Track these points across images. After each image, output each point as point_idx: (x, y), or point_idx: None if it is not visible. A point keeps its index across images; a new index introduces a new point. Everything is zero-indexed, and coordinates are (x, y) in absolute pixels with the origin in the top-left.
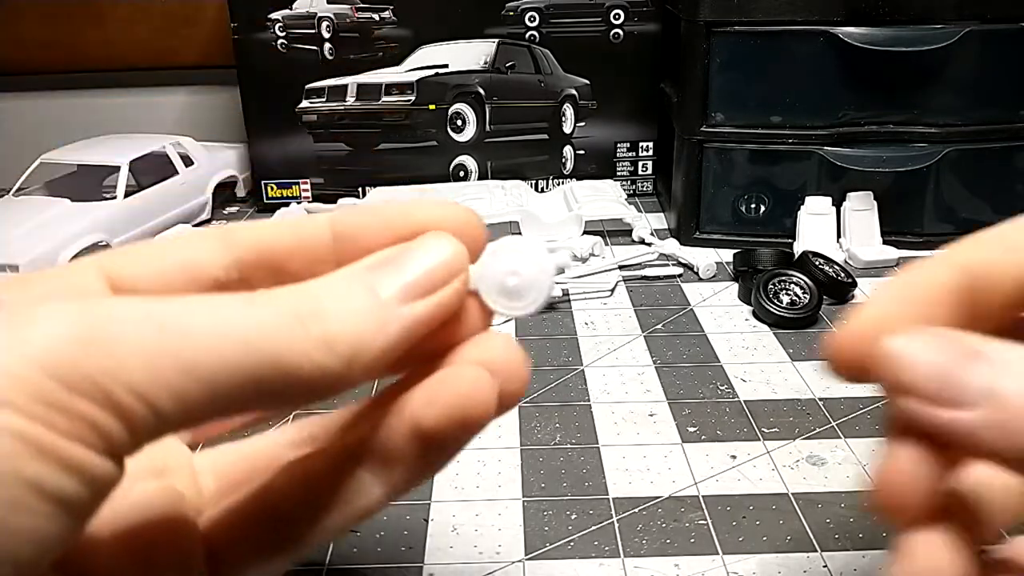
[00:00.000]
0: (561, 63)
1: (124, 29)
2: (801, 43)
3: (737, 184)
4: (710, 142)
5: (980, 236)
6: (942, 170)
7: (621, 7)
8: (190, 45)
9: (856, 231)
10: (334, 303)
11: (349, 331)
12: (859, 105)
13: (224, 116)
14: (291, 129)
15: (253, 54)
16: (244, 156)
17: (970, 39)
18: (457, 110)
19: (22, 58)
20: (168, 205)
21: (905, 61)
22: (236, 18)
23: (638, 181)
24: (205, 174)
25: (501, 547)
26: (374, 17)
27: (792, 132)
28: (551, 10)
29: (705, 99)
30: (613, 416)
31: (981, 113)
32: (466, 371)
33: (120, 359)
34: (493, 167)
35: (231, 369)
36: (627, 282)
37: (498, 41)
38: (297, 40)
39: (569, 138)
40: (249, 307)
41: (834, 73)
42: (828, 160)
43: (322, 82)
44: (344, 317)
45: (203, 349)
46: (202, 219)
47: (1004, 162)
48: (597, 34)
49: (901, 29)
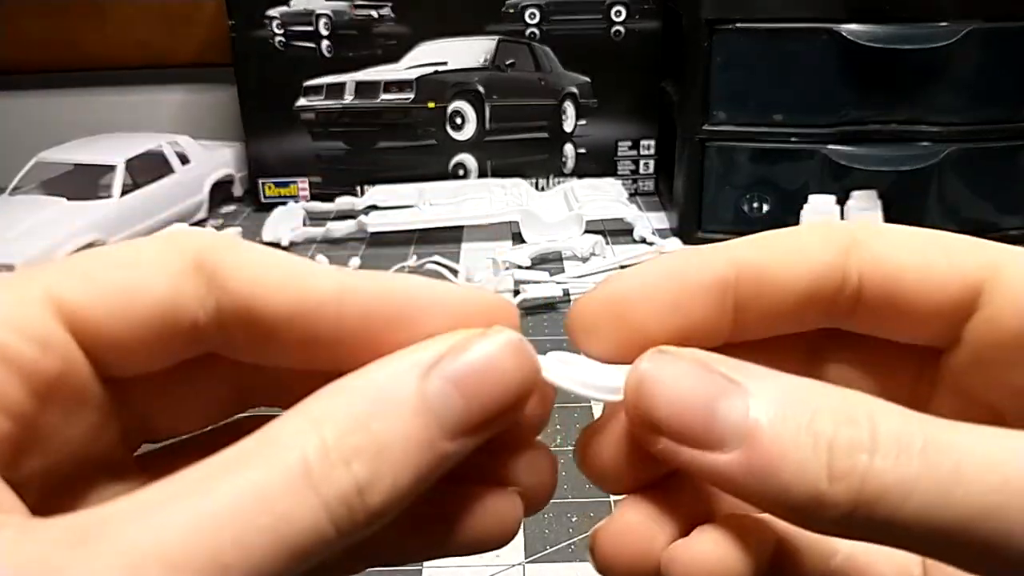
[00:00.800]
0: (562, 61)
1: (122, 28)
2: (804, 41)
3: (739, 183)
4: (712, 140)
5: (760, 236)
6: (945, 169)
7: (622, 4)
8: (187, 43)
9: None
10: (394, 454)
11: (400, 490)
12: (862, 103)
13: (221, 114)
14: (289, 127)
15: (251, 52)
16: (241, 154)
17: (973, 37)
18: (456, 108)
19: (20, 57)
20: (165, 204)
21: (908, 59)
22: (234, 16)
23: (639, 180)
24: (202, 173)
25: (501, 550)
26: (373, 14)
27: (795, 130)
28: (551, 7)
29: (707, 97)
30: None
31: (984, 112)
32: (492, 496)
33: None
34: (493, 166)
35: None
36: None
37: (498, 38)
38: (295, 37)
39: (570, 136)
40: (305, 483)
41: (837, 71)
42: (831, 159)
43: (320, 80)
44: (403, 475)
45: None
46: (199, 218)
47: (1007, 161)
48: (598, 31)
49: (904, 27)
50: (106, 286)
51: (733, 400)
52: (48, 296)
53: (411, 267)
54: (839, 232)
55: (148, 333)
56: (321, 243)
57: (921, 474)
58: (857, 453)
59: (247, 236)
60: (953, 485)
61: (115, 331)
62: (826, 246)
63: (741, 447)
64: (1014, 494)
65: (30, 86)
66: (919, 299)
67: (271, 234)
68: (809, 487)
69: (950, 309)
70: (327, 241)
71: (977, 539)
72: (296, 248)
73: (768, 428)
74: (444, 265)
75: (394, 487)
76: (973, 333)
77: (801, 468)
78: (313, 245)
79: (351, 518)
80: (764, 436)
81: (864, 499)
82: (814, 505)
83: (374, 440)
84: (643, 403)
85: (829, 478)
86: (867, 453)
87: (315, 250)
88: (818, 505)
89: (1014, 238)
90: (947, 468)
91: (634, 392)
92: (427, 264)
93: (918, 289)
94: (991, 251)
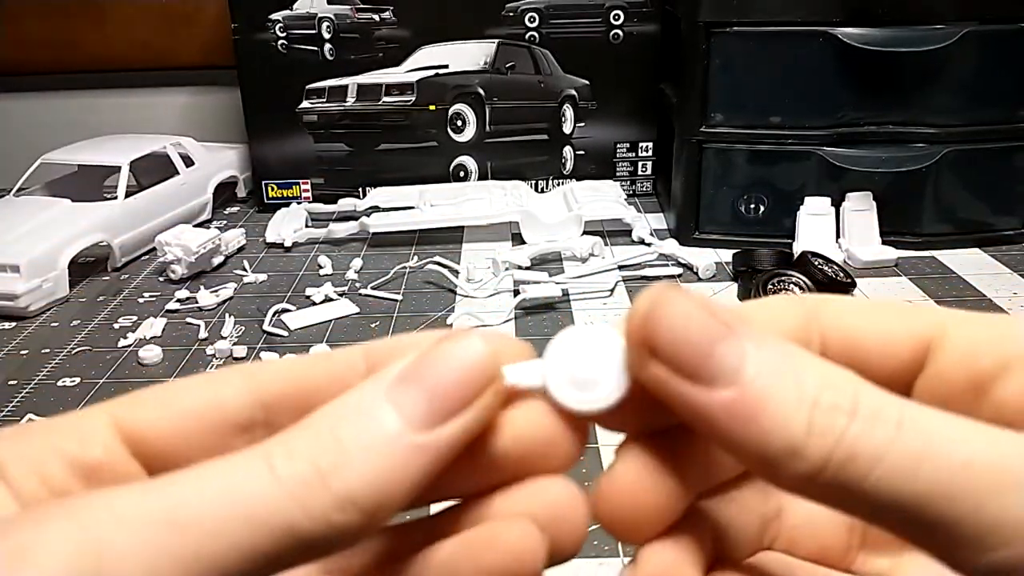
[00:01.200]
0: (561, 64)
1: (124, 29)
2: (800, 43)
3: (736, 184)
4: (709, 142)
5: (740, 306)
6: (941, 170)
7: (621, 8)
8: (191, 46)
9: (855, 231)
10: (356, 445)
11: (372, 482)
12: (858, 105)
13: (225, 116)
14: (291, 129)
15: (254, 54)
16: (245, 156)
17: (969, 39)
18: (457, 110)
19: (22, 58)
20: (169, 205)
21: (904, 61)
22: (237, 18)
23: (638, 181)
24: (206, 174)
25: None
26: (374, 18)
27: (791, 132)
28: (551, 11)
29: (705, 99)
30: None
31: (980, 113)
32: (514, 529)
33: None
34: (493, 167)
35: (243, 553)
36: (627, 282)
37: (498, 42)
38: (298, 40)
39: (569, 138)
40: (267, 471)
41: (833, 73)
42: (827, 160)
43: (322, 82)
44: (367, 464)
45: (212, 540)
46: (203, 219)
47: (1003, 162)
48: (597, 34)
49: (900, 29)
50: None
51: (731, 345)
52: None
53: (412, 267)
54: (804, 301)
55: (190, 433)
56: (323, 244)
57: (893, 446)
58: (837, 415)
59: (251, 236)
60: (920, 460)
61: (160, 433)
62: (795, 312)
63: (730, 388)
64: (974, 477)
65: (35, 88)
66: (876, 358)
67: (274, 235)
68: (787, 437)
69: (904, 366)
70: (329, 242)
71: (931, 517)
72: (299, 248)
73: (757, 376)
74: (444, 265)
75: (361, 476)
76: (922, 387)
77: (783, 418)
78: (315, 246)
79: (315, 500)
80: (753, 382)
81: (836, 458)
82: (788, 456)
83: (338, 440)
84: (650, 323)
85: (807, 432)
86: (846, 416)
87: (317, 251)
88: (791, 456)
89: (1009, 238)
90: (917, 444)
91: (644, 310)
92: (428, 264)
93: (875, 348)
94: (940, 314)
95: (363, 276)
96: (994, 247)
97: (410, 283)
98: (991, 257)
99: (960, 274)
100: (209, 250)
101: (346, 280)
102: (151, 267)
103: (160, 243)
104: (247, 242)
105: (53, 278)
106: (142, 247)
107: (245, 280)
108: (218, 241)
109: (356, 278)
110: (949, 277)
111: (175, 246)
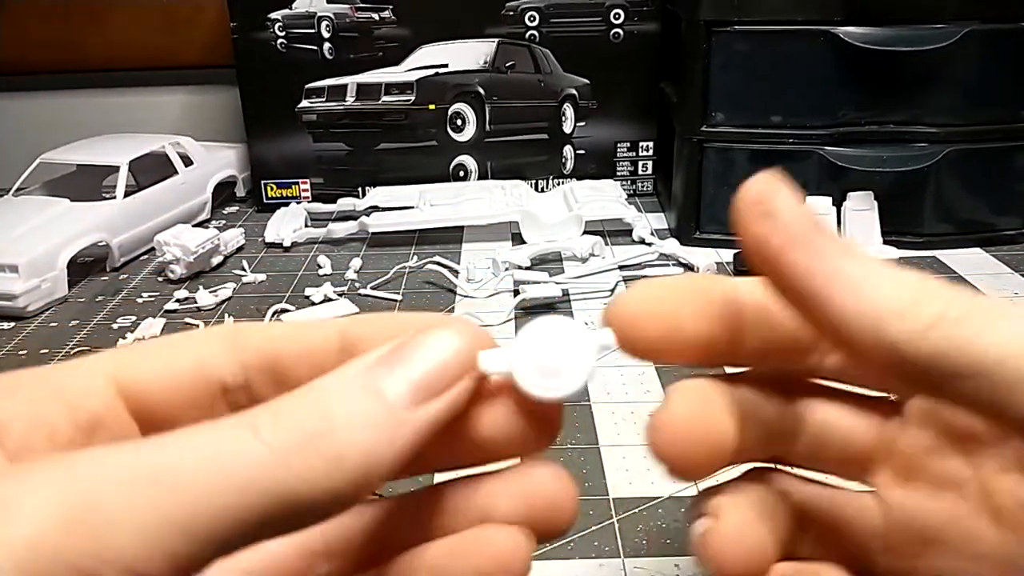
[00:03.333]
0: (561, 63)
1: (124, 29)
2: (801, 43)
3: (737, 184)
4: (710, 142)
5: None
6: (942, 170)
7: (621, 6)
8: (190, 45)
9: (856, 231)
10: (344, 416)
11: (360, 448)
12: (859, 105)
13: (224, 116)
14: (291, 129)
15: (253, 54)
16: (244, 156)
17: (970, 39)
18: (457, 110)
19: (22, 58)
20: (168, 205)
21: (905, 61)
22: (236, 18)
23: (638, 181)
24: (205, 174)
25: None
26: (374, 17)
27: (792, 132)
28: (551, 10)
29: (705, 99)
30: (613, 416)
31: (981, 113)
32: (501, 533)
33: (109, 537)
34: (493, 167)
35: (233, 517)
36: (627, 282)
37: (498, 41)
38: (297, 40)
39: (569, 138)
40: (254, 436)
41: (834, 73)
42: (828, 160)
43: (322, 82)
44: (355, 432)
45: (202, 503)
46: (202, 219)
47: (1005, 162)
48: (597, 34)
49: (901, 29)
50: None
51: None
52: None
53: (412, 267)
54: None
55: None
56: (323, 243)
57: (1007, 309)
58: (942, 288)
59: (250, 236)
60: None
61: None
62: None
63: (840, 254)
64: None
65: (33, 87)
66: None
67: (273, 234)
68: (896, 297)
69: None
70: (328, 241)
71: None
72: (298, 248)
73: (866, 257)
74: (444, 265)
75: (349, 442)
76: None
77: (892, 282)
78: (315, 246)
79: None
80: (865, 254)
81: (951, 316)
82: (897, 318)
83: (326, 410)
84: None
85: (918, 294)
86: (951, 290)
87: (316, 251)
88: (900, 318)
89: (1011, 238)
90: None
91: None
92: (427, 264)
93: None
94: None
95: (362, 276)
96: (995, 247)
97: (410, 283)
98: (992, 257)
99: (961, 274)
100: (208, 250)
101: (345, 280)
102: (150, 267)
103: (159, 243)
104: (246, 242)
105: (52, 278)
106: (141, 247)
107: (244, 280)
108: (217, 241)
109: (355, 278)
110: (950, 277)
111: (174, 246)
